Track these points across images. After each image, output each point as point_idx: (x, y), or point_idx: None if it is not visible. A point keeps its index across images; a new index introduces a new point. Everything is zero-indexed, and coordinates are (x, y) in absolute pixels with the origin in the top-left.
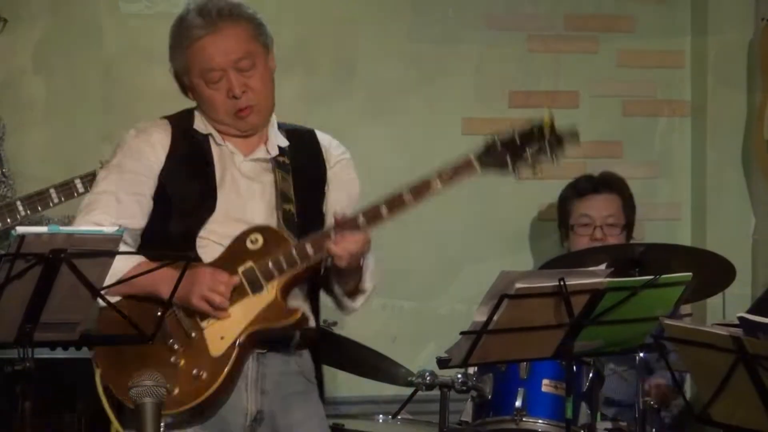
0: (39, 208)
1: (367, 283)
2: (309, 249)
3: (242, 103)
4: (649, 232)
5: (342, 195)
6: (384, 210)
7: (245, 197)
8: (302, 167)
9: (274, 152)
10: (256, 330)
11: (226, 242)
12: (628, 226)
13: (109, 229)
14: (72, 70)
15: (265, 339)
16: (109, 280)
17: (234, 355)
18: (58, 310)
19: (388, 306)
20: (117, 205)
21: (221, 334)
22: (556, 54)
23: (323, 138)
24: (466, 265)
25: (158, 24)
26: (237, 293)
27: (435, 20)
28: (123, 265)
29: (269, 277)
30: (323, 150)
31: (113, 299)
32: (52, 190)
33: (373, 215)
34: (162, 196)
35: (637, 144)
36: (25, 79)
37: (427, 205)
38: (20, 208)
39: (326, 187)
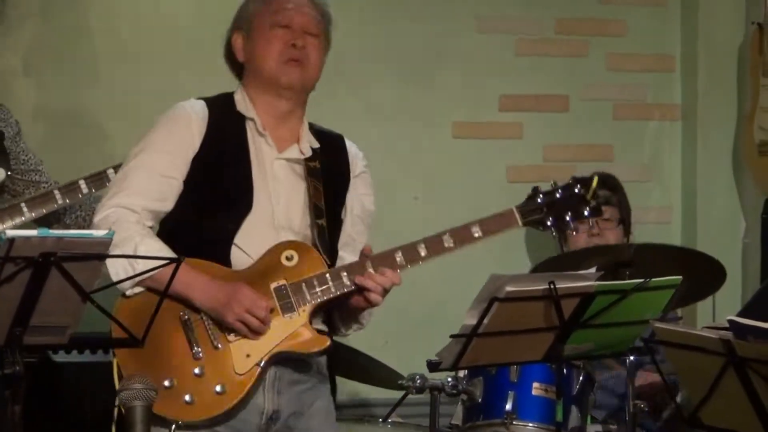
0: (44, 211)
1: (366, 318)
2: (345, 279)
3: (296, 54)
4: (639, 235)
5: (356, 205)
6: (423, 250)
7: (280, 202)
8: (331, 175)
9: (307, 152)
10: (282, 351)
11: (260, 251)
12: (623, 221)
13: (100, 232)
14: (62, 72)
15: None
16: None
17: (257, 374)
18: (47, 313)
19: (379, 309)
20: (148, 186)
21: (248, 351)
22: (547, 57)
23: (351, 146)
24: (457, 268)
25: (149, 27)
26: None
27: (425, 23)
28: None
29: (302, 301)
30: (350, 157)
31: (135, 290)
32: (56, 192)
33: (411, 255)
34: (194, 182)
35: (628, 147)
36: (16, 81)
37: (418, 210)
38: (24, 209)
39: (347, 195)
